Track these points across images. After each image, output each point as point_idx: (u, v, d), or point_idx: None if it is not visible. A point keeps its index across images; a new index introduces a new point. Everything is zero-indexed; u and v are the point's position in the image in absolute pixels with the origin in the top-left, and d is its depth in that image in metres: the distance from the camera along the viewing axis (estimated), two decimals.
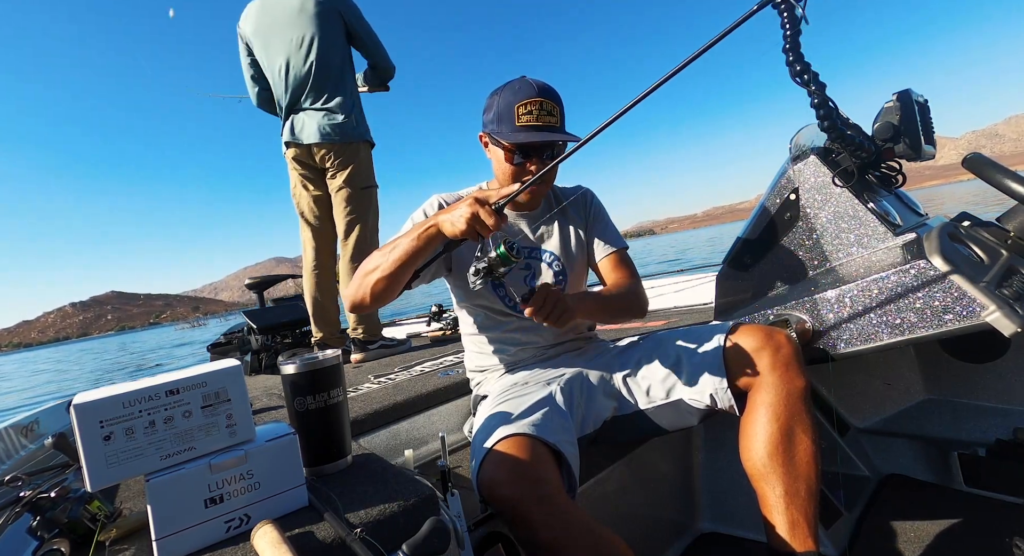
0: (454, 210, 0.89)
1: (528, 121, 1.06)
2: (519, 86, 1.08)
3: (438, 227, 0.92)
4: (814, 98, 1.07)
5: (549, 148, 1.09)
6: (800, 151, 1.25)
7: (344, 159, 2.12)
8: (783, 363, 0.96)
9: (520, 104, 1.06)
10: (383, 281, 1.00)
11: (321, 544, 0.60)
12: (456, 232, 0.89)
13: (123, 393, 0.58)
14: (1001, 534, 1.10)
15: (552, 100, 1.07)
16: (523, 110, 1.06)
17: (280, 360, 2.05)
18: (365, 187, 2.17)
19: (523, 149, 1.08)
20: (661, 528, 1.32)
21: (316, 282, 2.21)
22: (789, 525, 0.90)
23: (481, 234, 0.88)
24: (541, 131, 1.06)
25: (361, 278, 1.04)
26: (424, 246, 0.96)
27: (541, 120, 1.06)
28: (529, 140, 1.05)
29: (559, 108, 1.08)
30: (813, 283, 1.16)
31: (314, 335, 2.23)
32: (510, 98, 1.07)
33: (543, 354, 1.22)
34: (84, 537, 0.67)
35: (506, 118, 1.07)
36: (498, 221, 0.86)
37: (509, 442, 0.86)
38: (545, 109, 1.06)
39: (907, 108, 1.17)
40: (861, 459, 1.43)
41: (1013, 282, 0.99)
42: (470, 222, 0.86)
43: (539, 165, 1.09)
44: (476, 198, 0.87)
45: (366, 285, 1.02)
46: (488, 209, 0.86)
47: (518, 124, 1.06)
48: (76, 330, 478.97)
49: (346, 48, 2.20)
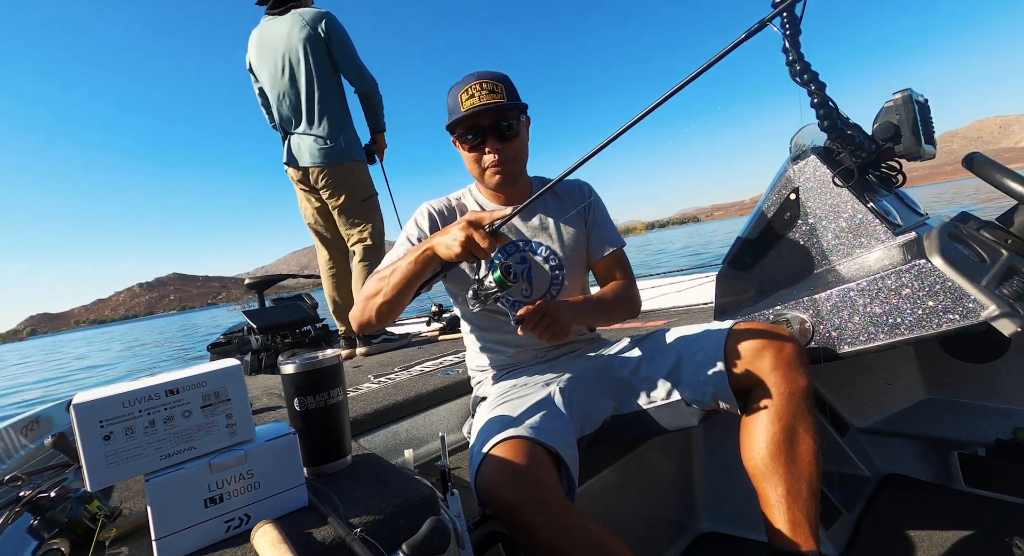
0: (448, 233, 0.90)
1: (472, 104, 1.07)
2: (463, 78, 1.11)
3: (433, 250, 0.93)
4: (814, 98, 1.07)
5: (502, 124, 1.10)
6: (800, 151, 1.25)
7: (337, 179, 2.26)
8: (786, 362, 0.96)
9: (462, 91, 1.08)
10: (385, 305, 1.03)
11: (321, 544, 0.60)
12: (451, 255, 0.89)
13: (123, 393, 0.58)
14: (1001, 534, 1.10)
15: (493, 79, 1.09)
16: (465, 95, 1.08)
17: (280, 360, 2.05)
18: (364, 199, 2.31)
19: (472, 130, 1.10)
20: (661, 528, 1.32)
21: (334, 285, 2.43)
22: (790, 525, 0.89)
23: (477, 256, 0.88)
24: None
25: (365, 302, 1.07)
26: (421, 270, 0.98)
27: (484, 100, 1.07)
28: (468, 115, 1.06)
29: (503, 85, 1.10)
30: (813, 283, 1.16)
31: (339, 329, 2.49)
32: (455, 90, 1.11)
33: (543, 355, 1.22)
34: (84, 537, 0.67)
35: (454, 109, 1.10)
36: (493, 244, 0.86)
37: (507, 445, 0.86)
38: (485, 88, 1.07)
39: (907, 108, 1.17)
40: (861, 459, 1.43)
41: (1013, 282, 0.99)
42: (465, 246, 0.86)
43: (494, 142, 1.10)
44: (469, 221, 0.87)
45: (370, 309, 1.05)
46: (482, 232, 0.86)
47: (463, 110, 1.08)
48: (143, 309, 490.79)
49: (333, 72, 2.27)
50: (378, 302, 1.03)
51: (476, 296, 0.92)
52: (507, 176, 1.15)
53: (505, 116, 1.10)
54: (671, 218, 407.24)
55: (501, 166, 1.13)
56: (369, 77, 2.30)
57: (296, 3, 2.27)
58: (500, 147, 1.11)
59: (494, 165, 1.12)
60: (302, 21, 2.19)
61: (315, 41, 2.18)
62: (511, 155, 1.13)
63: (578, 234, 1.23)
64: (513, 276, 0.88)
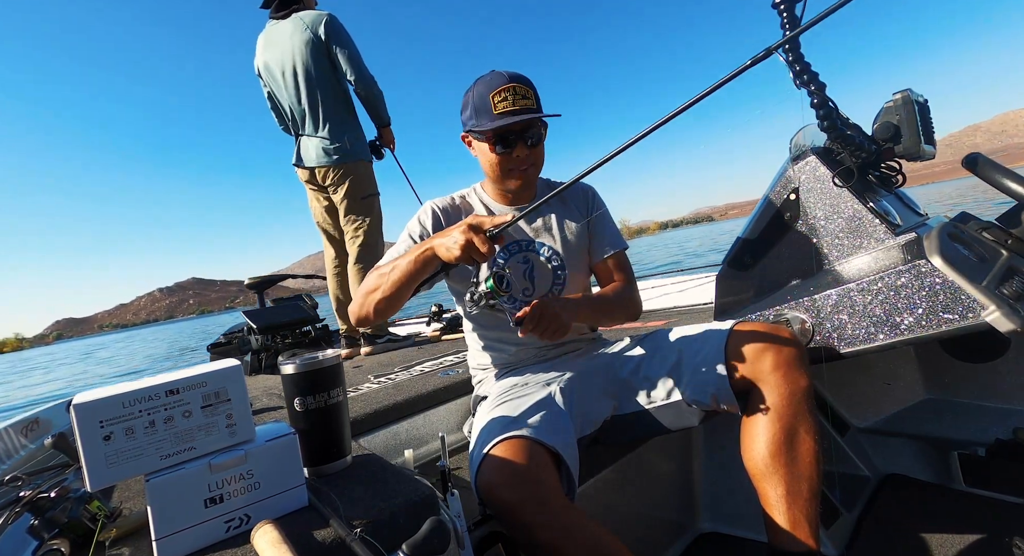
0: (448, 235, 0.91)
1: (505, 107, 1.07)
2: (490, 78, 1.10)
3: (433, 251, 0.95)
4: (814, 98, 1.07)
5: (531, 131, 1.10)
6: (800, 151, 1.25)
7: (341, 177, 2.32)
8: (787, 362, 0.96)
9: (494, 93, 1.07)
10: (384, 301, 1.04)
11: (321, 544, 0.60)
12: (451, 258, 0.91)
13: (123, 393, 0.58)
14: (1001, 534, 1.10)
15: (524, 84, 1.09)
16: (498, 98, 1.07)
17: (280, 360, 2.05)
18: (365, 197, 2.36)
19: (505, 136, 1.10)
20: (661, 528, 1.32)
21: (338, 283, 2.48)
22: (791, 524, 0.90)
23: (476, 259, 0.89)
24: (519, 114, 1.07)
25: (363, 298, 1.07)
26: (421, 269, 0.99)
27: (518, 104, 1.07)
28: (509, 123, 1.06)
29: (533, 91, 1.10)
30: (813, 283, 1.16)
31: (341, 328, 2.51)
32: (483, 90, 1.09)
33: (543, 354, 1.22)
34: (84, 537, 0.67)
35: (483, 110, 1.09)
36: (491, 249, 0.87)
37: (507, 445, 0.86)
38: (519, 93, 1.07)
39: (907, 108, 1.17)
40: (861, 459, 1.43)
41: (1013, 282, 0.99)
42: (464, 249, 0.88)
43: (523, 149, 1.11)
44: (470, 225, 0.88)
45: (368, 304, 1.06)
46: (482, 237, 0.87)
47: (496, 112, 1.07)
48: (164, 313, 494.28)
49: (334, 73, 2.31)
50: (376, 298, 1.04)
51: (472, 299, 0.95)
52: (529, 181, 1.18)
53: (536, 123, 1.11)
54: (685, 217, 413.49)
55: (525, 171, 1.14)
56: (368, 76, 2.32)
57: (298, 6, 2.30)
58: (528, 153, 1.12)
59: (520, 170, 1.14)
60: (303, 24, 2.21)
61: (315, 44, 2.22)
62: (535, 161, 1.15)
63: (580, 235, 1.24)
64: (506, 285, 0.92)
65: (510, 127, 1.08)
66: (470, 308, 0.96)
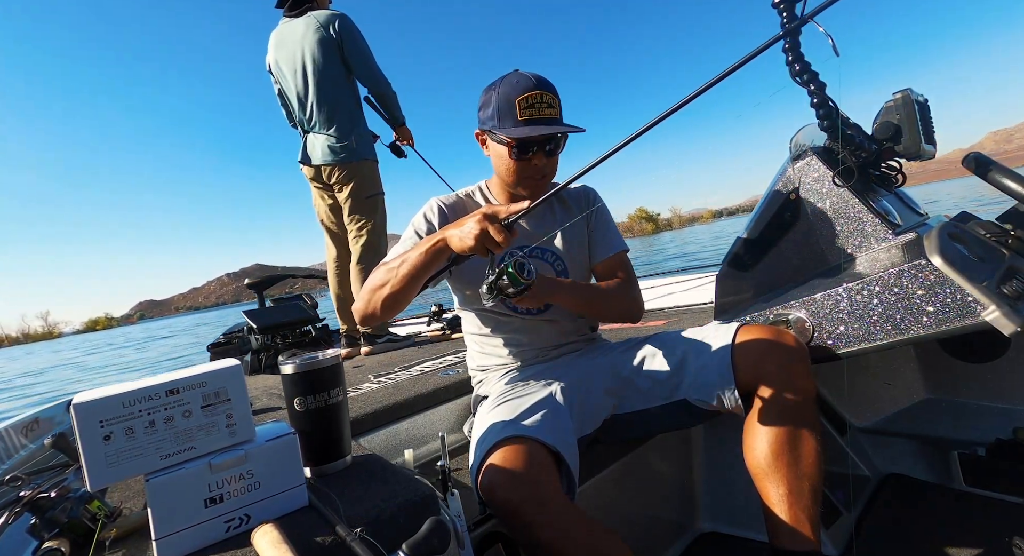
0: (463, 225, 0.89)
1: (531, 115, 1.05)
2: (516, 80, 1.07)
3: (446, 242, 0.93)
4: (814, 98, 1.07)
5: (552, 141, 1.09)
6: (800, 150, 1.25)
7: (347, 176, 2.32)
8: (791, 364, 0.96)
9: (521, 98, 1.05)
10: (392, 297, 1.02)
11: (321, 544, 0.59)
12: (464, 248, 0.89)
13: (123, 393, 0.58)
14: (1001, 534, 1.10)
15: (551, 92, 1.07)
16: (524, 104, 1.05)
17: (280, 360, 2.05)
18: (369, 196, 2.36)
19: (526, 143, 1.08)
20: (661, 528, 1.32)
21: (339, 281, 2.46)
22: (793, 524, 0.90)
23: (491, 250, 0.88)
24: (543, 124, 1.06)
25: (370, 294, 1.05)
26: (432, 261, 0.97)
27: (542, 113, 1.06)
28: (535, 134, 1.05)
29: (557, 99, 1.09)
30: (813, 283, 1.16)
31: (341, 327, 2.49)
32: (508, 93, 1.06)
33: (544, 355, 1.22)
34: (84, 537, 0.67)
35: (507, 113, 1.07)
36: (508, 238, 0.85)
37: (508, 445, 0.86)
38: (545, 101, 1.06)
39: (907, 107, 1.17)
40: (861, 459, 1.43)
41: (1013, 282, 0.98)
42: (479, 239, 0.86)
43: (542, 158, 1.09)
44: (485, 214, 0.87)
45: (376, 300, 1.04)
46: (497, 226, 0.85)
47: (520, 119, 1.05)
48: (231, 297, 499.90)
49: (345, 73, 2.31)
50: (385, 293, 1.02)
51: (490, 290, 0.90)
52: (542, 188, 1.16)
53: (557, 134, 1.09)
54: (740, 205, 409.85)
55: (541, 179, 1.13)
56: (381, 77, 2.33)
57: (312, 5, 2.31)
58: (545, 162, 1.11)
59: (536, 177, 1.13)
60: (316, 23, 2.22)
61: (328, 43, 2.22)
62: (551, 169, 1.14)
63: (581, 238, 1.24)
64: (527, 273, 0.88)
65: (533, 137, 1.07)
66: (486, 300, 0.92)
